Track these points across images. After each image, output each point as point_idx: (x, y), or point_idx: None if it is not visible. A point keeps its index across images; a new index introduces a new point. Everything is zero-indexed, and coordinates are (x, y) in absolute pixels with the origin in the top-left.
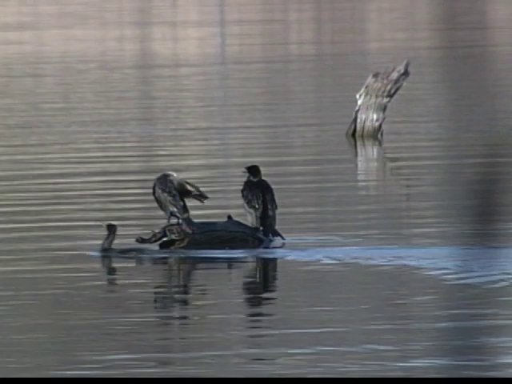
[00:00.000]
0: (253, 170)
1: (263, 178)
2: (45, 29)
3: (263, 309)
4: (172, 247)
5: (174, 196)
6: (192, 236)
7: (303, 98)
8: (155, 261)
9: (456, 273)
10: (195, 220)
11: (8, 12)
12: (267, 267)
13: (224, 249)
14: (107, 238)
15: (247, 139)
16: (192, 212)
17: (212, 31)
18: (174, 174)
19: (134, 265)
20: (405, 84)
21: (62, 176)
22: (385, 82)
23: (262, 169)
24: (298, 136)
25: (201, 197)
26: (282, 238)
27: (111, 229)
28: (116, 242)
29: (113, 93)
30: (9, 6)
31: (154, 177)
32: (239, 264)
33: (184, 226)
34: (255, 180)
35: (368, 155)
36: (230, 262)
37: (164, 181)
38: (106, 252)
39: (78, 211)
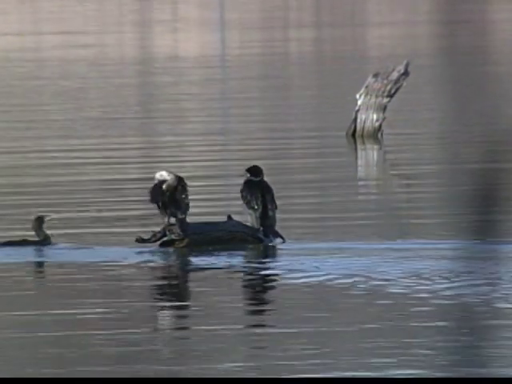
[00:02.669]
0: (253, 169)
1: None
2: (45, 27)
3: (262, 319)
4: (172, 247)
5: (159, 208)
6: (192, 236)
7: (303, 97)
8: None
9: (459, 280)
10: (196, 220)
11: (7, 10)
12: (266, 274)
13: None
14: None
15: (247, 138)
16: (192, 212)
17: (212, 31)
18: (158, 175)
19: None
20: (405, 84)
21: (61, 175)
22: (385, 82)
23: (261, 168)
24: (298, 136)
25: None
26: (282, 239)
27: None
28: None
29: (112, 92)
30: (9, 3)
31: (152, 175)
32: (237, 271)
33: (175, 227)
34: (256, 180)
35: (368, 155)
36: (227, 269)
37: (155, 189)
38: None
39: (78, 212)
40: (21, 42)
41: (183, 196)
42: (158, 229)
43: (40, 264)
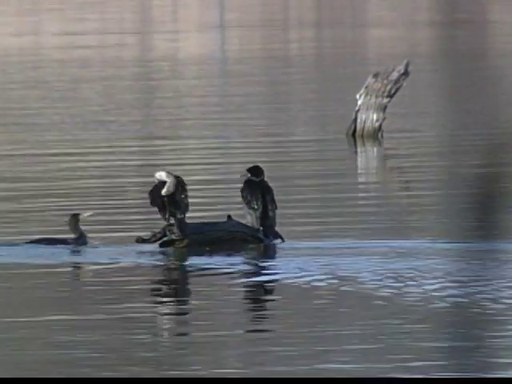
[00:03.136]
0: (254, 170)
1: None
2: (44, 27)
3: (261, 324)
4: (172, 247)
5: (160, 210)
6: (191, 236)
7: (303, 97)
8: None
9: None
10: (196, 220)
11: (7, 8)
12: (266, 274)
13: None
14: None
15: (247, 139)
16: (192, 212)
17: (212, 30)
18: (158, 175)
19: (126, 275)
20: (405, 84)
21: (61, 178)
22: (385, 82)
23: (262, 169)
24: (298, 136)
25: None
26: (282, 240)
27: None
28: None
29: (113, 91)
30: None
31: (152, 178)
32: (237, 272)
33: (174, 228)
34: (257, 180)
35: (368, 155)
36: (227, 269)
37: (155, 191)
38: None
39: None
40: (20, 42)
41: (183, 196)
42: (157, 229)
43: (37, 266)
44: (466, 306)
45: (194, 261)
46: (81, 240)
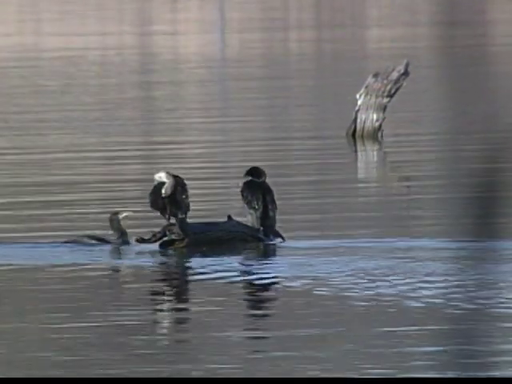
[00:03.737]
0: (255, 171)
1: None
2: (43, 28)
3: (261, 325)
4: (172, 247)
5: (160, 211)
6: (192, 236)
7: (303, 97)
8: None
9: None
10: (196, 220)
11: (8, 6)
12: (266, 275)
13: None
14: None
15: (247, 138)
16: (192, 212)
17: (212, 30)
18: (157, 176)
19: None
20: (405, 84)
21: (62, 182)
22: (385, 82)
23: (263, 170)
24: (298, 136)
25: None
26: (283, 239)
27: None
28: None
29: (112, 91)
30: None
31: (152, 177)
32: (237, 272)
33: (176, 227)
34: (259, 181)
35: (368, 155)
36: (227, 270)
37: (155, 193)
38: None
39: (79, 216)
40: (20, 43)
41: (183, 196)
42: (157, 229)
43: (34, 266)
44: (464, 307)
45: (193, 261)
46: (121, 239)
